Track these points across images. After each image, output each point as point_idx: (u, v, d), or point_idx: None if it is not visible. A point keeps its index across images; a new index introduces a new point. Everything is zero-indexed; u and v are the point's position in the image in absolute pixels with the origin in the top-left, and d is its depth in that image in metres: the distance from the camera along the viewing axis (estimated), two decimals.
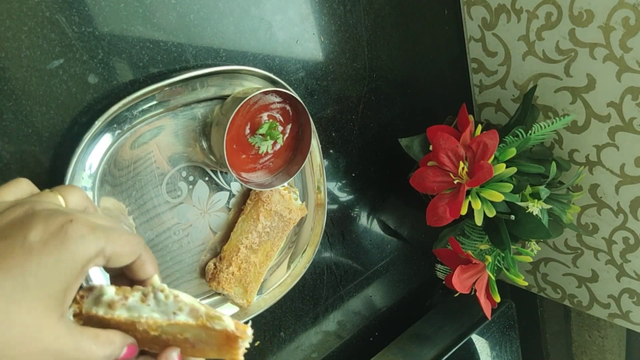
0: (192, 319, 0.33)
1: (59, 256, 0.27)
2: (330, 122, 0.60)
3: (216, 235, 0.53)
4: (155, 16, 0.45)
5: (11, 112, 0.40)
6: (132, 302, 0.32)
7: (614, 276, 0.70)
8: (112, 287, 0.32)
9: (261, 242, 0.53)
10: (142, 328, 0.32)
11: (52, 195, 0.31)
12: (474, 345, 0.75)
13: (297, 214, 0.55)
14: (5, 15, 0.38)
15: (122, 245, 0.31)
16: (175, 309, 0.33)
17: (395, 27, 0.63)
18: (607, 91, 0.59)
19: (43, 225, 0.27)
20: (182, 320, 0.32)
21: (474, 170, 0.56)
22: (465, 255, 0.57)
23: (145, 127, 0.45)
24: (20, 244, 0.26)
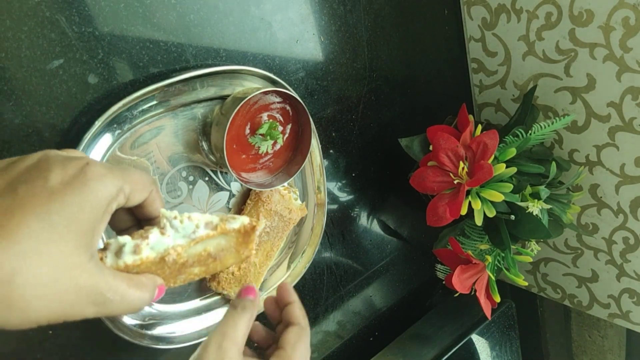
0: (211, 230, 0.35)
1: (82, 195, 0.28)
2: (330, 122, 0.60)
3: None
4: (155, 16, 0.45)
5: (11, 112, 0.40)
6: (154, 240, 0.33)
7: (614, 276, 0.70)
8: (126, 236, 0.33)
9: (261, 242, 0.53)
10: (171, 260, 0.33)
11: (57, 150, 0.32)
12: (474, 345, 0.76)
13: (297, 214, 0.55)
14: (5, 15, 0.38)
15: (137, 182, 0.32)
16: (193, 228, 0.34)
17: (395, 27, 0.63)
18: (607, 91, 0.59)
19: (61, 169, 0.28)
20: (203, 235, 0.34)
21: (474, 170, 0.56)
22: (465, 255, 0.57)
23: (145, 127, 0.45)
24: (41, 186, 0.27)
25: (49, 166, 0.28)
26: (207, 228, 0.35)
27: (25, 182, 0.27)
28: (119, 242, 0.33)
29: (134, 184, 0.32)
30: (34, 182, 0.27)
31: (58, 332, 0.46)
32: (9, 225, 0.26)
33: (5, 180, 0.28)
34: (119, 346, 0.49)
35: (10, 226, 0.26)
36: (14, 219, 0.26)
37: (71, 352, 0.47)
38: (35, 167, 0.28)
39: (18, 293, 0.26)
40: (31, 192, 0.27)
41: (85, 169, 0.29)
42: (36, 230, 0.26)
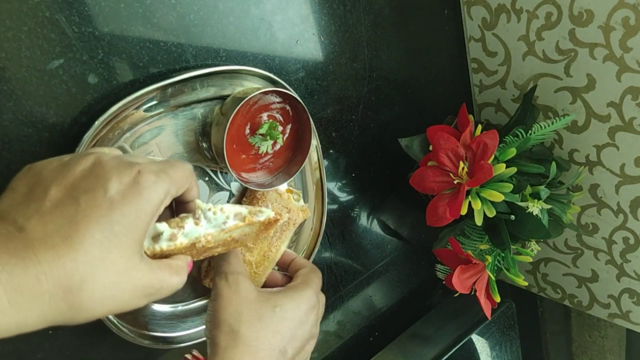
0: (240, 221, 0.39)
1: (138, 205, 0.30)
2: (330, 122, 0.60)
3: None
4: (155, 16, 0.45)
5: (11, 112, 0.40)
6: (188, 229, 0.36)
7: (614, 276, 0.70)
8: (164, 224, 0.36)
9: (256, 241, 0.53)
10: (200, 245, 0.37)
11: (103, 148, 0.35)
12: (474, 345, 0.76)
13: (298, 215, 0.55)
14: (5, 15, 0.38)
15: (181, 179, 0.34)
16: (224, 220, 0.38)
17: (395, 27, 0.63)
18: (607, 91, 0.59)
19: (117, 178, 0.30)
20: (232, 226, 0.38)
21: (474, 170, 0.56)
22: (465, 255, 0.57)
23: (145, 127, 0.45)
24: (101, 197, 0.29)
25: (105, 174, 0.30)
26: (236, 219, 0.39)
27: (85, 192, 0.29)
28: (157, 229, 0.35)
29: (178, 183, 0.34)
30: (94, 192, 0.29)
31: (58, 332, 0.46)
32: (76, 236, 0.28)
33: (65, 187, 0.29)
34: (119, 346, 0.49)
35: (77, 237, 0.28)
36: (80, 230, 0.28)
37: (71, 352, 0.47)
38: (92, 174, 0.30)
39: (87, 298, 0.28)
40: (93, 203, 0.29)
41: (138, 178, 0.31)
42: (100, 240, 0.28)
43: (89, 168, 0.31)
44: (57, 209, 0.28)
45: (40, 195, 0.29)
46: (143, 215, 0.31)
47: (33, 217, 0.28)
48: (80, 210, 0.28)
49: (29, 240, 0.27)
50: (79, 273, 0.27)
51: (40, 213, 0.28)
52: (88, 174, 0.30)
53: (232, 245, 0.41)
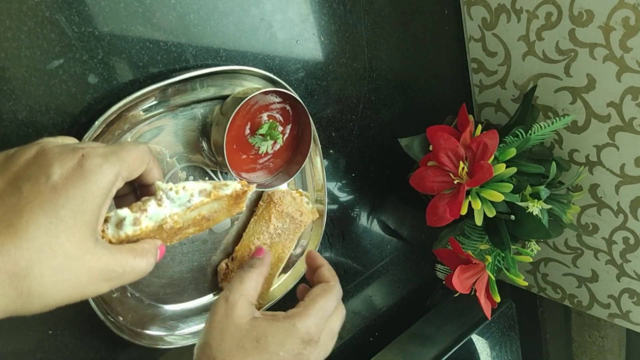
0: (205, 197, 0.38)
1: (84, 187, 0.30)
2: (330, 122, 0.60)
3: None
4: (155, 16, 0.45)
5: (11, 112, 0.40)
6: (151, 211, 0.36)
7: (614, 276, 0.70)
8: (125, 209, 0.35)
9: (272, 244, 0.54)
10: (168, 226, 0.36)
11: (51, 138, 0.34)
12: (474, 345, 0.76)
13: (308, 217, 0.55)
14: (5, 15, 0.38)
15: (133, 161, 0.33)
16: (188, 198, 0.37)
17: (395, 27, 0.63)
18: (607, 91, 0.59)
19: (60, 163, 0.30)
20: (197, 203, 0.37)
21: (474, 170, 0.56)
22: (465, 255, 0.57)
23: (145, 127, 0.45)
24: (44, 183, 0.29)
25: (48, 161, 0.30)
26: (201, 195, 0.38)
27: (28, 180, 0.29)
28: (118, 215, 0.35)
29: (130, 165, 0.33)
30: (36, 179, 0.29)
31: (58, 332, 0.46)
32: (19, 224, 0.27)
33: (7, 177, 0.29)
34: (118, 346, 0.49)
35: (20, 224, 0.27)
36: (23, 217, 0.28)
37: (71, 352, 0.47)
38: (35, 162, 0.30)
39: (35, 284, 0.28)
40: (35, 190, 0.28)
41: (83, 161, 0.30)
42: (45, 226, 0.28)
43: (32, 157, 0.30)
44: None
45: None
46: (91, 197, 0.30)
47: None
48: (23, 197, 0.28)
49: None
50: (24, 259, 0.27)
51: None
52: (31, 162, 0.30)
53: (204, 225, 0.40)
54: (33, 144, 0.31)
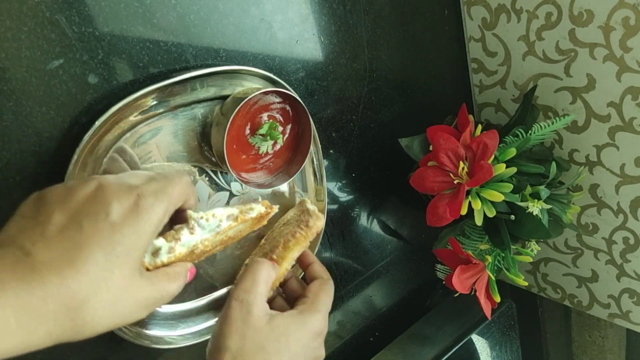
0: (232, 221, 0.41)
1: (137, 227, 0.32)
2: (330, 122, 0.60)
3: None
4: (155, 16, 0.45)
5: (11, 112, 0.40)
6: (185, 240, 0.39)
7: (614, 276, 0.70)
8: (161, 239, 0.38)
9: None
10: (199, 250, 0.39)
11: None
12: (474, 345, 0.76)
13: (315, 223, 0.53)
14: (5, 16, 0.38)
15: (179, 195, 0.36)
16: (217, 223, 0.40)
17: (395, 27, 0.63)
18: (607, 91, 0.59)
19: (118, 202, 0.32)
20: (226, 227, 0.41)
21: (474, 170, 0.56)
22: (465, 255, 0.57)
23: (145, 127, 0.45)
24: (103, 220, 0.31)
25: (106, 199, 0.32)
26: (229, 220, 0.41)
27: (88, 216, 0.31)
28: (155, 245, 0.37)
29: (176, 199, 0.36)
30: (96, 215, 0.31)
31: None
32: (79, 259, 0.29)
33: (69, 213, 0.31)
34: (119, 346, 0.49)
35: (80, 260, 0.29)
36: (83, 253, 0.30)
37: (71, 352, 0.47)
38: (94, 198, 0.32)
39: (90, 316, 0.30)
40: (95, 226, 0.31)
41: (138, 201, 0.33)
42: (102, 262, 0.30)
43: (91, 192, 0.32)
44: (61, 234, 0.30)
45: (45, 219, 0.31)
46: (143, 235, 0.33)
47: (38, 242, 0.30)
48: (84, 234, 0.30)
49: (35, 264, 0.29)
50: (82, 293, 0.29)
51: (45, 237, 0.30)
52: (91, 198, 0.32)
53: (229, 242, 0.43)
54: (91, 179, 0.33)
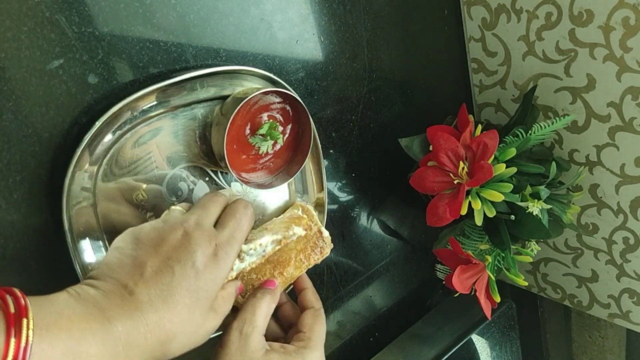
0: (277, 245, 0.48)
1: (215, 274, 0.39)
2: (330, 122, 0.60)
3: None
4: (155, 16, 0.45)
5: (11, 112, 0.40)
6: (235, 267, 0.44)
7: (614, 276, 0.70)
8: None
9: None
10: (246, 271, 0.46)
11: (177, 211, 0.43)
12: (474, 345, 0.76)
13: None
14: (5, 16, 0.38)
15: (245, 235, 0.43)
16: (263, 249, 0.46)
17: (395, 27, 0.63)
18: (607, 91, 0.59)
19: (201, 251, 0.38)
20: (270, 251, 0.47)
21: (474, 170, 0.56)
22: (465, 255, 0.57)
23: (145, 127, 0.45)
24: (190, 267, 0.37)
25: (192, 247, 0.38)
26: (274, 244, 0.47)
27: (178, 262, 0.37)
28: None
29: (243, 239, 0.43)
30: (185, 262, 0.37)
31: None
32: (172, 301, 0.35)
33: (162, 257, 0.37)
34: None
35: (172, 302, 0.35)
36: (175, 297, 0.36)
37: None
38: (182, 246, 0.38)
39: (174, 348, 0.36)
40: (183, 273, 0.36)
41: (217, 251, 0.39)
42: (188, 305, 0.36)
43: (179, 240, 0.38)
44: (157, 276, 0.36)
45: (143, 261, 0.36)
46: (219, 280, 0.39)
47: (139, 282, 0.35)
48: (175, 278, 0.36)
49: (138, 303, 0.34)
50: (172, 331, 0.35)
51: (144, 279, 0.35)
52: (179, 245, 0.38)
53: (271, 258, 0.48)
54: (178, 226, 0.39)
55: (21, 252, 0.42)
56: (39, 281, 0.44)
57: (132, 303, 0.34)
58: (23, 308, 0.29)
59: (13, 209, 0.41)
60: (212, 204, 0.43)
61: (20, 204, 0.41)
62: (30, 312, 0.29)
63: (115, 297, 0.34)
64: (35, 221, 0.42)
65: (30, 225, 0.42)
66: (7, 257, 0.42)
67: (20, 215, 0.42)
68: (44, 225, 0.43)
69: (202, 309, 0.37)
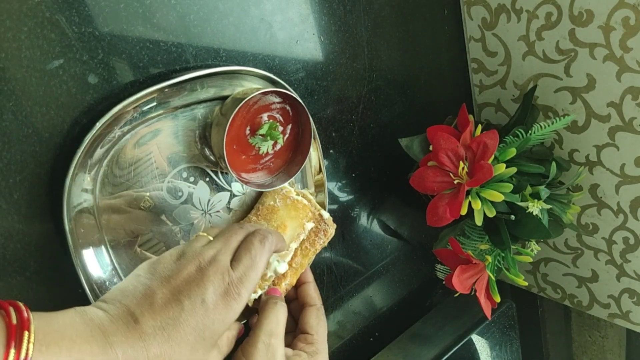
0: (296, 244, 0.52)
1: (226, 314, 0.37)
2: (330, 122, 0.60)
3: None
4: (155, 16, 0.45)
5: (11, 112, 0.40)
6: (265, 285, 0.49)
7: (614, 276, 0.70)
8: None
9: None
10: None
11: (203, 239, 0.42)
12: (474, 345, 0.76)
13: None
14: (5, 16, 0.38)
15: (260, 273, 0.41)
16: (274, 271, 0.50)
17: (395, 27, 0.63)
18: (607, 91, 0.59)
19: (213, 288, 0.37)
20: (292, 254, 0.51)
21: (474, 170, 0.56)
22: (465, 255, 0.57)
23: (145, 128, 0.45)
24: (199, 304, 0.36)
25: (204, 283, 0.37)
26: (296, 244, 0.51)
27: (188, 296, 0.36)
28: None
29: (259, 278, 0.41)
30: (195, 297, 0.36)
31: None
32: (176, 337, 0.35)
33: (173, 288, 0.36)
34: None
35: (176, 337, 0.35)
36: (179, 332, 0.35)
37: None
38: (195, 280, 0.37)
39: None
40: (192, 309, 0.36)
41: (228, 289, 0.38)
42: (192, 342, 0.35)
43: (193, 274, 0.37)
44: (164, 308, 0.35)
45: (153, 292, 0.36)
46: (228, 321, 0.38)
47: (146, 312, 0.35)
48: (183, 313, 0.35)
49: (142, 333, 0.34)
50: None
51: (152, 309, 0.35)
52: (192, 279, 0.37)
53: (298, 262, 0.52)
54: (194, 259, 0.38)
55: (21, 253, 0.42)
56: (39, 282, 0.44)
57: (136, 332, 0.34)
58: (25, 320, 0.29)
59: (13, 210, 0.41)
60: (234, 238, 0.42)
61: (21, 205, 0.41)
62: (33, 326, 0.29)
63: (120, 323, 0.34)
64: (36, 221, 0.42)
65: (31, 226, 0.42)
66: (7, 257, 0.42)
67: (20, 216, 0.42)
68: (45, 226, 0.43)
69: (205, 348, 0.37)
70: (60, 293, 0.45)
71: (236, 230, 0.42)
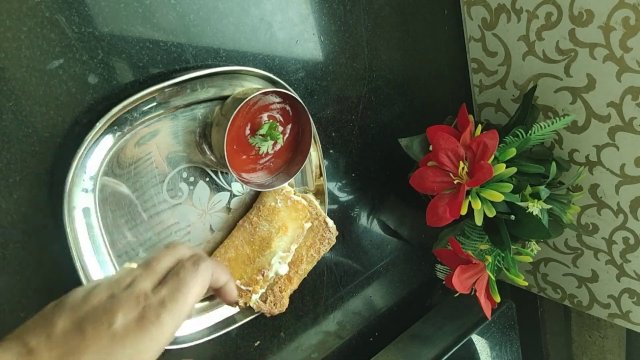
0: (296, 244, 0.54)
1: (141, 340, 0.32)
2: (330, 122, 0.60)
3: (216, 234, 0.53)
4: (155, 16, 0.45)
5: (11, 112, 0.40)
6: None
7: (614, 276, 0.70)
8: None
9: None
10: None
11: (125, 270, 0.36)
12: (474, 345, 0.75)
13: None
14: (5, 16, 0.38)
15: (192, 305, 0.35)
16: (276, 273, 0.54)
17: (395, 27, 0.63)
18: (607, 91, 0.59)
19: (123, 312, 0.32)
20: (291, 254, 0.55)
21: (474, 170, 0.56)
22: (465, 255, 0.57)
23: (145, 128, 0.45)
24: (105, 330, 0.31)
25: (114, 308, 0.32)
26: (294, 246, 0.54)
27: (93, 323, 0.32)
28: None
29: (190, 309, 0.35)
30: (100, 324, 0.31)
31: None
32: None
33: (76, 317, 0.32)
34: None
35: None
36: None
37: None
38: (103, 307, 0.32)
39: None
40: (96, 335, 0.31)
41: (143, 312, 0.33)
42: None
43: (103, 302, 0.33)
44: (64, 337, 0.31)
45: (53, 322, 0.32)
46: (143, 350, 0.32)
47: (42, 342, 0.31)
48: (85, 340, 0.31)
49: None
50: None
51: (49, 339, 0.31)
52: (100, 307, 0.33)
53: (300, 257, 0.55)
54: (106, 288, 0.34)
55: (21, 253, 0.42)
56: (39, 281, 0.44)
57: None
58: None
59: (13, 209, 0.41)
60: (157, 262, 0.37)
61: (21, 204, 0.41)
62: None
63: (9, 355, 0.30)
64: (36, 221, 0.42)
65: (31, 226, 0.42)
66: (7, 257, 0.42)
67: (20, 215, 0.42)
68: (45, 226, 0.43)
69: None
70: (60, 293, 0.45)
71: (163, 255, 0.37)
